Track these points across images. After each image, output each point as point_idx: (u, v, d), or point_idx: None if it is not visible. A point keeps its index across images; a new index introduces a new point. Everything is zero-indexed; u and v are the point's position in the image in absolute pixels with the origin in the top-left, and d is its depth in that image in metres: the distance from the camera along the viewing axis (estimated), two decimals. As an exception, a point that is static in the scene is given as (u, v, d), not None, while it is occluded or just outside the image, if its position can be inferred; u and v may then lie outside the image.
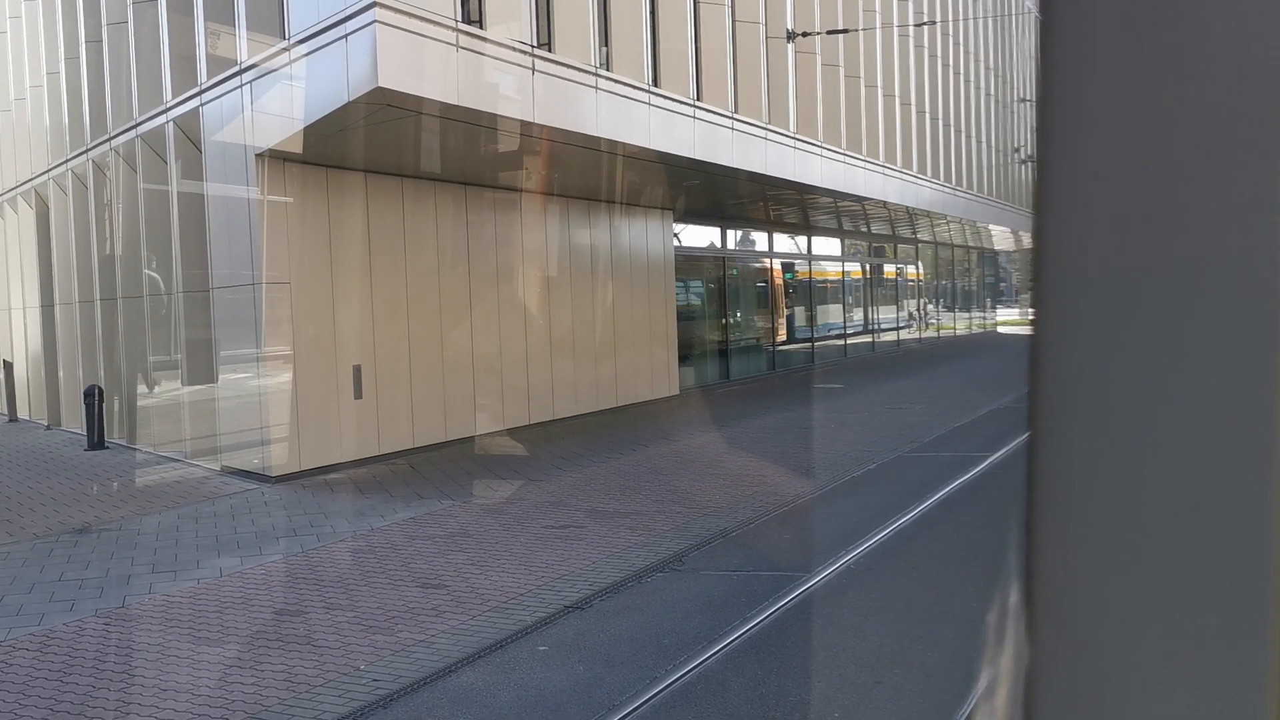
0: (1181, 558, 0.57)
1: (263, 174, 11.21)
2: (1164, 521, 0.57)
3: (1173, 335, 0.57)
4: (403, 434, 12.90)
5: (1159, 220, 0.57)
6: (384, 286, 12.61)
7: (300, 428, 11.49)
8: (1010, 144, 38.14)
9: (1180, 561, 0.57)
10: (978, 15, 33.54)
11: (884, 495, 9.72)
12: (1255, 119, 0.54)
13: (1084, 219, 0.58)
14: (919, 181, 26.27)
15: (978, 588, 6.44)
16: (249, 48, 11.53)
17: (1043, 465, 0.60)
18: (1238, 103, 0.55)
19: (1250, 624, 0.56)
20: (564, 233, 16.18)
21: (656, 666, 5.45)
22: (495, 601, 6.71)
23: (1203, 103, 0.56)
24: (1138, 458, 0.58)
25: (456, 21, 10.03)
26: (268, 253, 11.28)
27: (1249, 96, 0.54)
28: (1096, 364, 0.58)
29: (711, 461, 12.12)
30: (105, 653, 6.01)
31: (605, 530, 8.62)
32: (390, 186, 12.73)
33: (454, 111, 10.15)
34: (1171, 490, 0.57)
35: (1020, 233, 34.40)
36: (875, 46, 23.70)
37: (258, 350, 11.61)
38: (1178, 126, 0.56)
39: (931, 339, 34.82)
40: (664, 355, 18.68)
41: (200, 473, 12.38)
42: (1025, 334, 13.16)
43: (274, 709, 5.08)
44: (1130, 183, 0.57)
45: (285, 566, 7.84)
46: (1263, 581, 0.55)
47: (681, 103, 14.48)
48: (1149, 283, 0.57)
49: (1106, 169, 0.58)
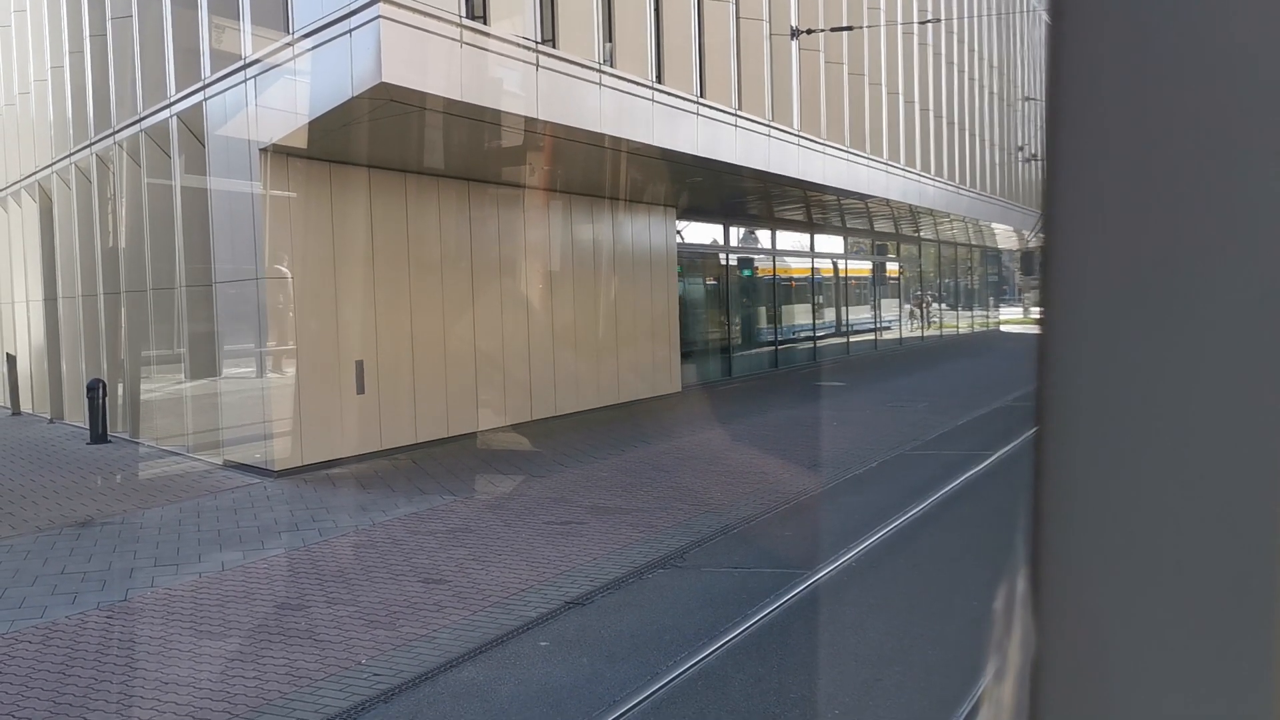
0: (1187, 551, 0.57)
1: (266, 169, 11.21)
2: (1170, 515, 0.58)
3: (1180, 332, 0.57)
4: (405, 429, 12.91)
5: (1168, 219, 0.57)
6: (386, 282, 12.61)
7: (302, 422, 11.50)
8: (1014, 142, 38.09)
9: (1185, 554, 0.57)
10: (982, 13, 33.48)
11: (885, 493, 9.72)
12: (1265, 118, 0.55)
13: (1093, 217, 0.59)
14: (922, 179, 26.25)
15: (979, 585, 6.44)
16: (253, 42, 11.54)
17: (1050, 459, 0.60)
18: (1247, 102, 0.55)
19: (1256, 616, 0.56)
20: (566, 229, 16.18)
21: (657, 662, 5.45)
22: (497, 597, 6.72)
23: (1212, 102, 0.56)
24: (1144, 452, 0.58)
25: (460, 17, 10.03)
26: (270, 247, 11.29)
27: (1259, 95, 0.55)
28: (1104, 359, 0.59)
29: (713, 458, 12.12)
30: (107, 646, 6.03)
31: (607, 526, 8.63)
32: (393, 182, 12.74)
33: (457, 107, 10.15)
34: (1177, 484, 0.57)
35: (1023, 231, 34.35)
36: (879, 44, 23.67)
37: (260, 345, 11.62)
38: (1186, 126, 0.57)
39: (934, 337, 34.81)
40: (666, 352, 18.69)
41: (203, 467, 12.40)
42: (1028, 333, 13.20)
43: (275, 702, 5.09)
44: (1139, 181, 0.58)
45: (287, 561, 7.86)
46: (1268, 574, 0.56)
47: (685, 99, 14.47)
48: (1157, 280, 0.57)
49: (1115, 167, 0.58)
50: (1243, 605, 0.56)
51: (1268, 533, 0.56)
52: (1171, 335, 0.57)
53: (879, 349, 29.83)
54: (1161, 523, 0.58)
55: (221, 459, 12.44)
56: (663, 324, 18.58)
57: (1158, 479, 0.58)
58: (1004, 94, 36.65)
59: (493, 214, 14.39)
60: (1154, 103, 0.57)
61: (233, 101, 11.84)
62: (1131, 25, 0.57)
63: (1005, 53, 37.22)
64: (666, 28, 14.90)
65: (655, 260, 18.43)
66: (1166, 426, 0.57)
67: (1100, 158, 0.58)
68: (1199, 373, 0.56)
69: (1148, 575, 0.58)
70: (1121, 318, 0.58)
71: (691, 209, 20.07)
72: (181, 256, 13.46)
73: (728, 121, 15.71)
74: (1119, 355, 0.58)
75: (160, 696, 5.19)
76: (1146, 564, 0.58)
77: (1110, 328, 0.58)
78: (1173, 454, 0.57)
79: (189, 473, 12.09)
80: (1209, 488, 0.57)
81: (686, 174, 16.30)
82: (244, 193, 11.57)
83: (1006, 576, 0.73)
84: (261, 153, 11.17)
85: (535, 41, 11.37)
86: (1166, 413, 0.57)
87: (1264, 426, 0.55)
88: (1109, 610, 0.59)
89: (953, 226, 33.47)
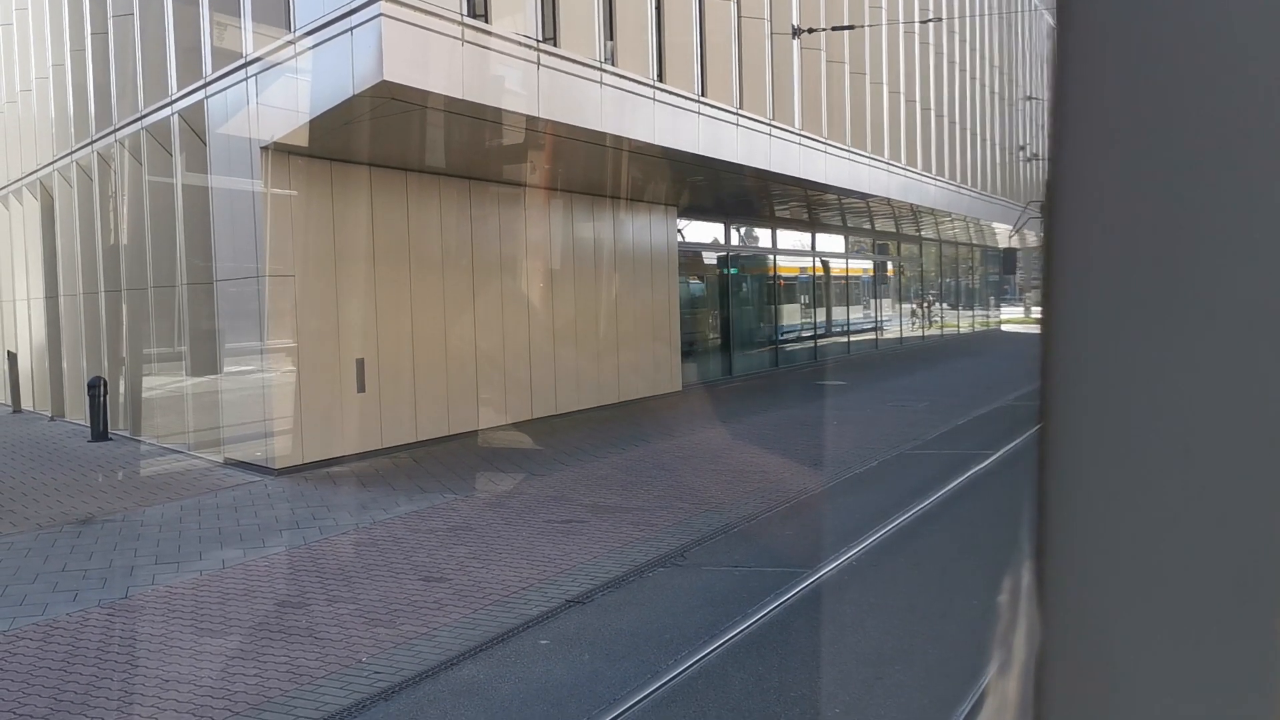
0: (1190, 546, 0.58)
1: (267, 167, 11.21)
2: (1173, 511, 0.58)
3: (1183, 331, 0.57)
4: (405, 427, 12.91)
5: (1171, 218, 0.57)
6: (387, 280, 12.62)
7: (303, 420, 11.50)
8: (1015, 141, 38.06)
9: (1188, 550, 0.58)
10: (983, 12, 33.46)
11: (886, 492, 9.72)
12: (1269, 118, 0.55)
13: (1096, 217, 0.59)
14: (923, 178, 26.24)
15: (979, 585, 6.44)
16: (254, 40, 11.54)
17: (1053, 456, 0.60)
18: (1251, 102, 0.55)
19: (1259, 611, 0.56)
20: (567, 228, 16.18)
21: (658, 661, 5.46)
22: (497, 595, 6.73)
23: (1216, 102, 0.56)
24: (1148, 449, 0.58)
25: (462, 15, 10.02)
26: (272, 245, 11.29)
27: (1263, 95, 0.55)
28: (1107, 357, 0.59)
29: (713, 457, 12.13)
30: (108, 643, 6.03)
31: (607, 525, 8.63)
32: (394, 180, 12.73)
33: (459, 106, 10.15)
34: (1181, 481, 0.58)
35: (1025, 231, 34.33)
36: (881, 43, 23.66)
37: (261, 343, 11.63)
38: (1190, 126, 0.57)
39: (935, 337, 34.80)
40: (666, 351, 18.69)
41: (203, 465, 12.40)
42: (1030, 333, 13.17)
43: (276, 700, 5.09)
44: (1142, 181, 0.58)
45: (288, 559, 7.86)
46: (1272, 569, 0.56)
47: (686, 98, 14.46)
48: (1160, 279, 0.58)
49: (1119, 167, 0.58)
50: (1246, 601, 0.57)
51: (1271, 529, 0.56)
52: (1174, 334, 0.57)
53: (880, 348, 29.83)
54: (1164, 519, 0.58)
55: (222, 457, 12.44)
56: (663, 323, 18.58)
57: (1161, 476, 0.58)
58: (1005, 93, 36.63)
59: (493, 212, 14.39)
60: (1158, 103, 0.57)
61: (234, 99, 11.84)
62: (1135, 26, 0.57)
63: (1006, 52, 37.19)
64: (668, 26, 14.90)
65: (656, 259, 18.43)
66: (1170, 424, 0.58)
67: (1104, 158, 0.59)
68: (1202, 371, 0.57)
69: (1151, 571, 0.58)
70: (1125, 316, 0.58)
71: (692, 208, 20.06)
72: (182, 254, 13.46)
73: (729, 120, 15.71)
74: (1122, 353, 0.58)
75: (161, 694, 5.19)
76: (1149, 560, 0.58)
77: (1113, 326, 0.59)
78: (1176, 451, 0.58)
79: (190, 470, 12.09)
80: (1212, 484, 0.57)
81: (687, 173, 16.30)
82: (245, 191, 11.57)
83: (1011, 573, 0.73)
84: (262, 151, 11.17)
85: (536, 40, 11.36)
86: (1170, 410, 0.57)
87: (1268, 424, 0.56)
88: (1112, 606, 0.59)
89: (954, 226, 33.46)
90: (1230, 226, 0.56)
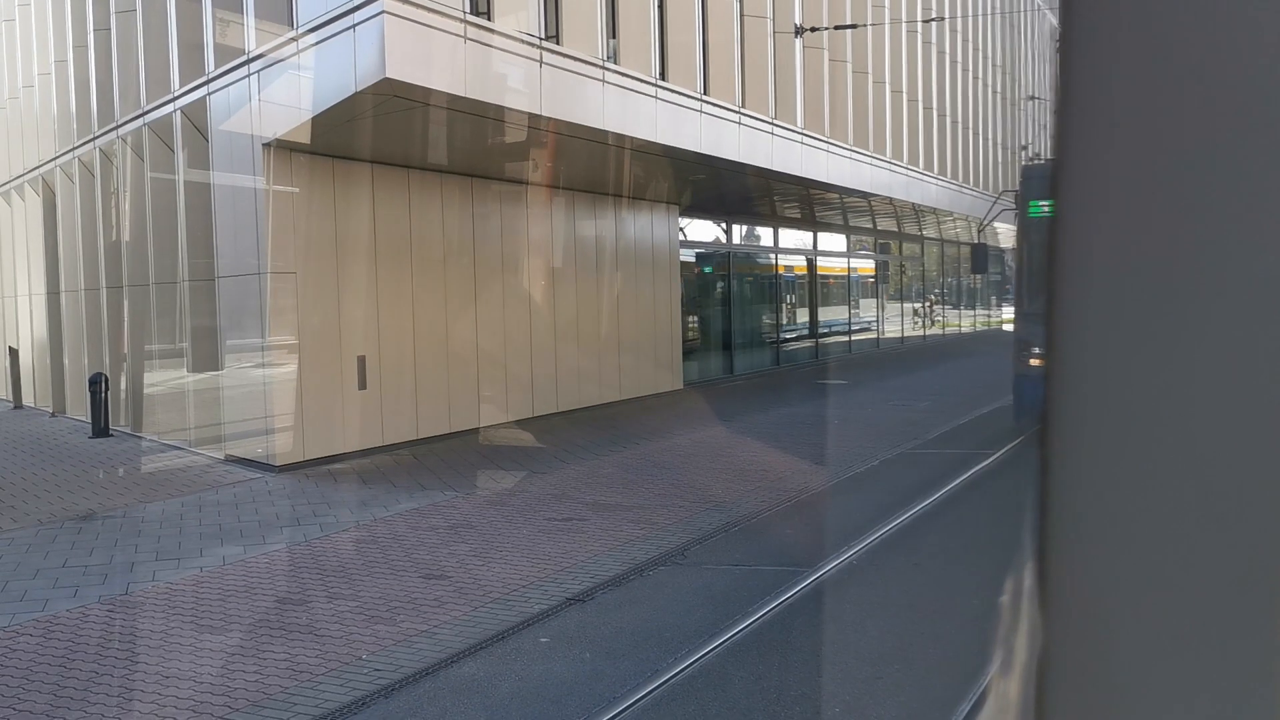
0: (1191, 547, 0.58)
1: (269, 164, 11.21)
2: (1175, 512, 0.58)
3: (1187, 331, 0.57)
4: (406, 425, 12.92)
5: (1175, 219, 0.57)
6: (389, 278, 12.62)
7: (304, 417, 11.51)
8: (1018, 141, 38.03)
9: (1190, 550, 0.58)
10: (986, 12, 33.43)
11: (887, 491, 9.72)
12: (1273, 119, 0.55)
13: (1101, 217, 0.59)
14: (925, 178, 26.22)
15: (980, 584, 6.44)
16: (257, 37, 11.53)
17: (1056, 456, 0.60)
18: (1256, 103, 0.55)
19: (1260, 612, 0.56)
20: (569, 226, 16.17)
21: (658, 659, 5.46)
22: (497, 593, 6.73)
23: (1220, 102, 0.56)
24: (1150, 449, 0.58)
25: (464, 13, 10.02)
26: (273, 242, 11.29)
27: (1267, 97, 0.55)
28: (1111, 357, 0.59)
29: (714, 455, 12.13)
30: (109, 639, 6.04)
31: (608, 523, 8.63)
32: (396, 178, 12.73)
33: (461, 103, 10.14)
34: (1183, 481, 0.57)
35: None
36: (883, 42, 23.64)
37: (262, 339, 11.63)
38: (1194, 126, 0.57)
39: (937, 336, 34.78)
40: (668, 349, 18.69)
41: (204, 461, 12.41)
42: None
43: (276, 697, 5.10)
44: (1147, 182, 0.58)
45: (288, 555, 7.87)
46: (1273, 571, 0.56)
47: (689, 96, 14.46)
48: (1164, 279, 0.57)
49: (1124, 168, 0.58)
50: (1247, 602, 0.56)
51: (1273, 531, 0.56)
52: (1178, 334, 0.57)
53: (881, 347, 29.81)
54: (1167, 519, 0.58)
55: (223, 453, 12.45)
56: (665, 321, 18.58)
57: (1163, 476, 0.58)
58: (1008, 93, 36.59)
59: (495, 210, 14.39)
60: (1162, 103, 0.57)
61: (236, 96, 11.84)
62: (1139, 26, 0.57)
63: (1009, 52, 37.16)
64: (670, 25, 14.89)
65: (658, 257, 18.43)
66: (1173, 424, 0.57)
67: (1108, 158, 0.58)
68: (1205, 371, 0.57)
69: (1152, 572, 0.58)
70: (1128, 316, 0.58)
71: (694, 206, 20.06)
72: (184, 251, 13.47)
73: (731, 119, 15.70)
74: (1126, 353, 0.58)
75: (161, 690, 5.19)
76: (1151, 560, 0.58)
77: (1117, 326, 0.58)
78: (1179, 451, 0.57)
79: (190, 467, 12.10)
80: (1214, 484, 0.57)
81: (689, 171, 16.29)
82: (247, 187, 11.57)
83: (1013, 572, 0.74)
84: (265, 148, 11.17)
85: (539, 38, 11.36)
86: (1173, 411, 0.57)
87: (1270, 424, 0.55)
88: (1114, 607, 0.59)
89: (955, 225, 33.43)
90: (1235, 227, 0.56)
